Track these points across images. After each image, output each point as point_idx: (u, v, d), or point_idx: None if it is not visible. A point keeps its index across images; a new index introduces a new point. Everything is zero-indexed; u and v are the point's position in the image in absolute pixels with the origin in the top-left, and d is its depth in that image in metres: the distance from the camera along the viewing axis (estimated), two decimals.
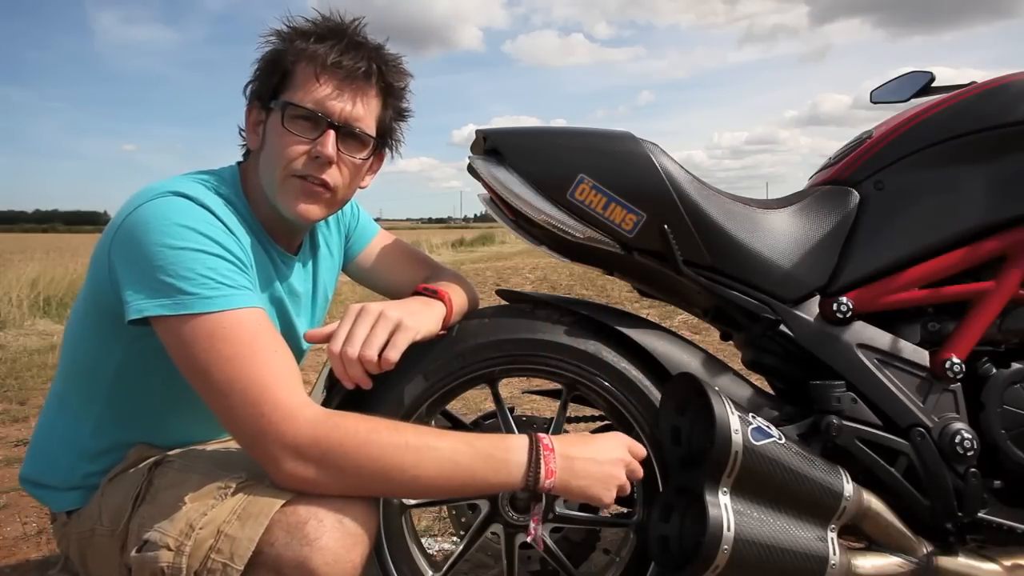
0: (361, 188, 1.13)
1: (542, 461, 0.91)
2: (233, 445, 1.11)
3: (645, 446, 1.07)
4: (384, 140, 1.11)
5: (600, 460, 0.95)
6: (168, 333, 0.88)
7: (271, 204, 1.04)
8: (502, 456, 0.91)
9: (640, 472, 1.01)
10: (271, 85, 1.02)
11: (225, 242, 0.92)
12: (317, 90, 0.99)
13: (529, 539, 0.98)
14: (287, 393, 0.86)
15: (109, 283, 0.93)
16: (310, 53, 1.00)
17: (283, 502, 0.86)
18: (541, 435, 0.95)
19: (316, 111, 1.00)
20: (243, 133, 1.10)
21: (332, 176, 1.02)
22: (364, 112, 1.04)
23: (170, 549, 0.85)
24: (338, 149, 1.01)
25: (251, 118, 1.07)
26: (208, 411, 0.89)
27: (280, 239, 1.11)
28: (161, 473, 0.99)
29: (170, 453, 1.04)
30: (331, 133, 1.00)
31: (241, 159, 1.13)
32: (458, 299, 1.12)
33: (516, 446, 0.93)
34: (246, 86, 1.08)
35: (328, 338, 0.97)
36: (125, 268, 0.90)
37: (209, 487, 0.91)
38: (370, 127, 1.06)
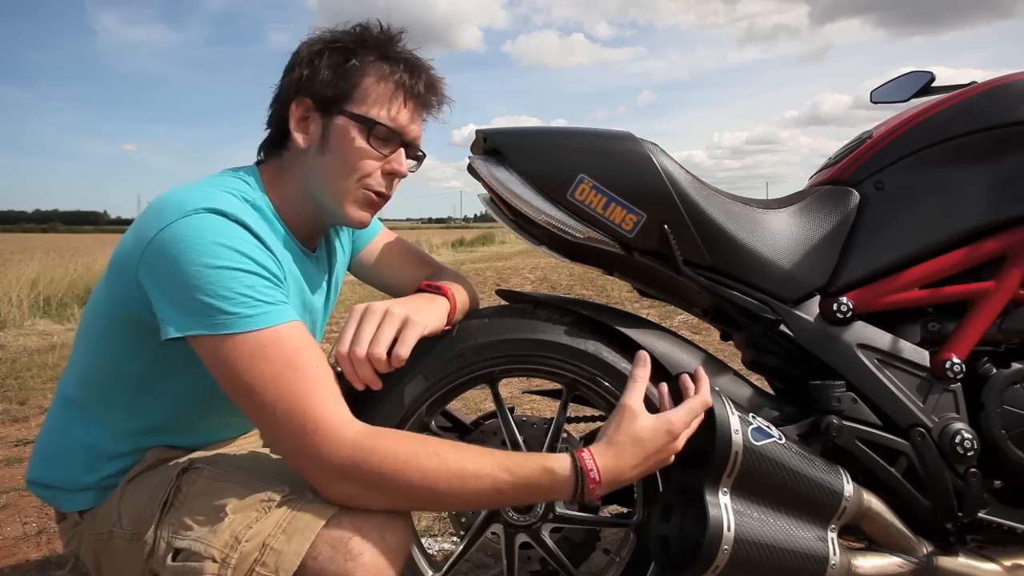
0: None
1: (587, 494, 0.91)
2: (259, 449, 1.11)
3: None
4: None
5: (648, 470, 0.95)
6: (208, 352, 0.88)
7: (319, 205, 1.06)
8: (546, 488, 0.91)
9: (692, 428, 0.98)
10: (337, 90, 1.03)
11: (261, 259, 0.92)
12: (402, 114, 1.05)
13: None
14: (329, 412, 0.87)
15: (138, 296, 0.92)
16: (398, 80, 1.04)
17: (328, 517, 0.87)
18: (587, 461, 0.91)
19: (401, 134, 1.05)
20: (268, 125, 1.09)
21: (393, 189, 1.09)
22: (421, 132, 1.11)
23: (215, 561, 0.86)
24: None
25: (297, 113, 1.04)
26: (232, 412, 0.90)
27: (303, 237, 1.11)
28: (190, 479, 0.98)
29: (196, 457, 1.03)
30: (402, 151, 1.06)
31: (259, 157, 1.12)
32: (460, 296, 1.12)
33: (561, 480, 0.90)
34: (288, 74, 1.06)
35: None
36: (160, 286, 0.89)
37: (251, 499, 0.91)
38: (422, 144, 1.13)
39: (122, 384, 1.02)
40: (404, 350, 0.95)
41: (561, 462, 0.91)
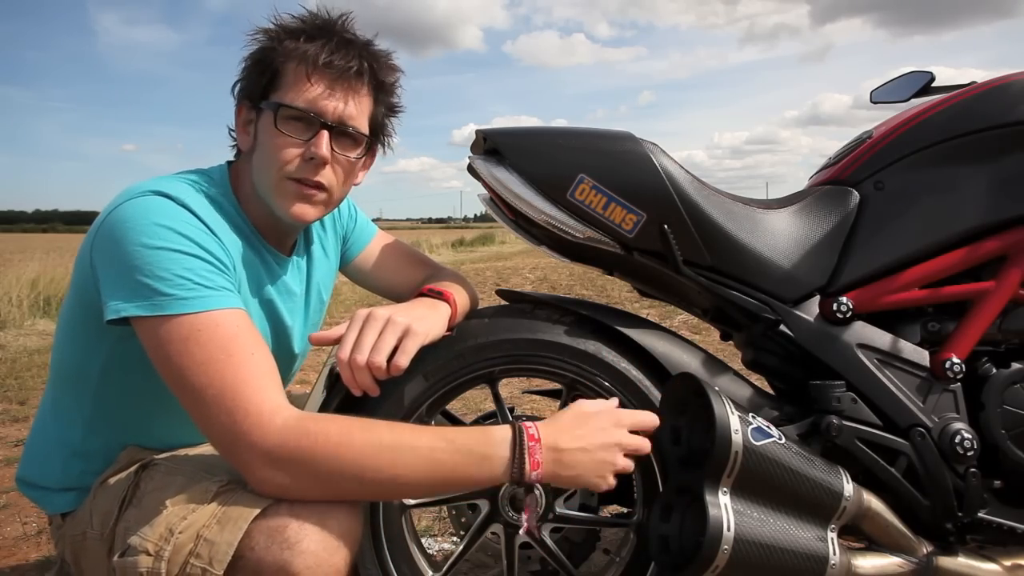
0: (354, 185, 1.13)
1: (527, 455, 0.89)
2: None
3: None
4: (376, 137, 1.11)
5: (590, 448, 0.92)
6: (146, 334, 0.87)
7: (265, 204, 1.04)
8: (484, 451, 0.88)
9: (645, 447, 0.96)
10: (261, 85, 1.01)
11: (204, 242, 0.91)
12: (309, 90, 0.99)
13: (523, 532, 0.97)
14: (260, 398, 0.84)
15: (92, 282, 0.92)
16: (300, 52, 0.99)
17: (263, 506, 0.85)
18: (527, 424, 0.92)
19: (309, 111, 0.99)
20: (233, 133, 1.09)
21: (326, 176, 1.02)
22: (356, 111, 1.03)
23: (149, 554, 0.84)
24: (332, 149, 1.01)
25: (241, 118, 1.06)
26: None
27: (272, 239, 1.10)
28: (148, 476, 0.98)
29: (158, 456, 1.03)
30: (324, 134, 1.00)
31: (232, 159, 1.12)
32: (461, 299, 1.12)
33: (499, 440, 0.89)
34: (234, 85, 1.06)
35: (333, 341, 0.96)
36: (104, 267, 0.90)
37: (190, 491, 0.90)
38: (363, 125, 1.05)
39: (86, 380, 1.02)
40: (404, 360, 0.94)
41: (501, 428, 0.91)
